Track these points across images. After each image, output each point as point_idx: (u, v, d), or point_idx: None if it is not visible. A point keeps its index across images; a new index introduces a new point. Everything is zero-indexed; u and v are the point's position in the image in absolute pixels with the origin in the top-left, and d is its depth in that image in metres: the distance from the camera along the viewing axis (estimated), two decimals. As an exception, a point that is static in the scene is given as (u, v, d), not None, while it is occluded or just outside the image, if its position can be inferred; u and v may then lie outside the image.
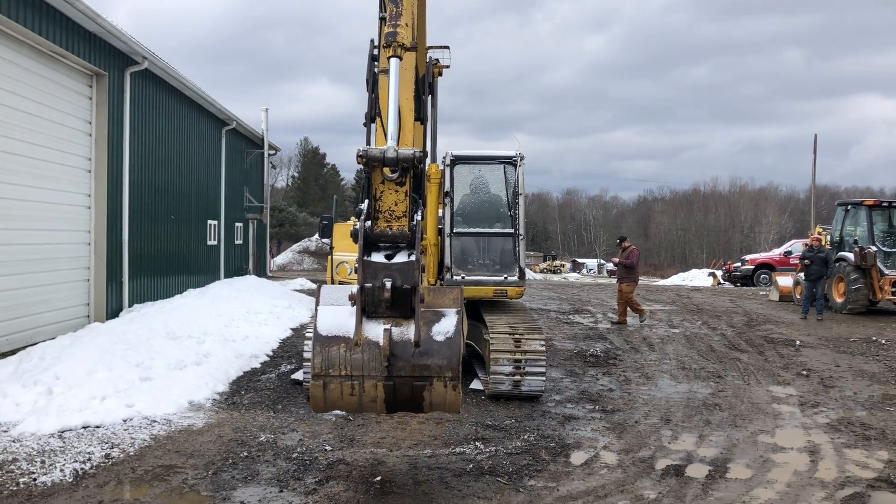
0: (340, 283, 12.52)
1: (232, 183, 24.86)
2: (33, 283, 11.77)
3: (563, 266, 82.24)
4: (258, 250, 30.13)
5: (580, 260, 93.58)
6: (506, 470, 6.46)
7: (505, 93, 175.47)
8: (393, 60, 5.58)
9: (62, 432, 7.28)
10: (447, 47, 9.94)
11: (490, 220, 10.01)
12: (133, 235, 15.05)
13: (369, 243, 5.30)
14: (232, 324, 13.34)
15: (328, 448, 7.00)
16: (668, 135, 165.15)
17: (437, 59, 9.78)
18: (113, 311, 14.15)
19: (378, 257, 5.20)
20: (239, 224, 26.49)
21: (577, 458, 6.90)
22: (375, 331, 5.06)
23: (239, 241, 26.58)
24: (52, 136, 12.26)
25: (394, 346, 5.00)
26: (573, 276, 63.34)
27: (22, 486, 5.87)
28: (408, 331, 5.07)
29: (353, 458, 6.74)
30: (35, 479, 6.01)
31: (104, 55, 13.56)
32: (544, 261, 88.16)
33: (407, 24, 5.98)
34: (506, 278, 9.63)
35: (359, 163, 5.09)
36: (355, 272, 5.38)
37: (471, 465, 6.57)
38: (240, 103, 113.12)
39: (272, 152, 30.96)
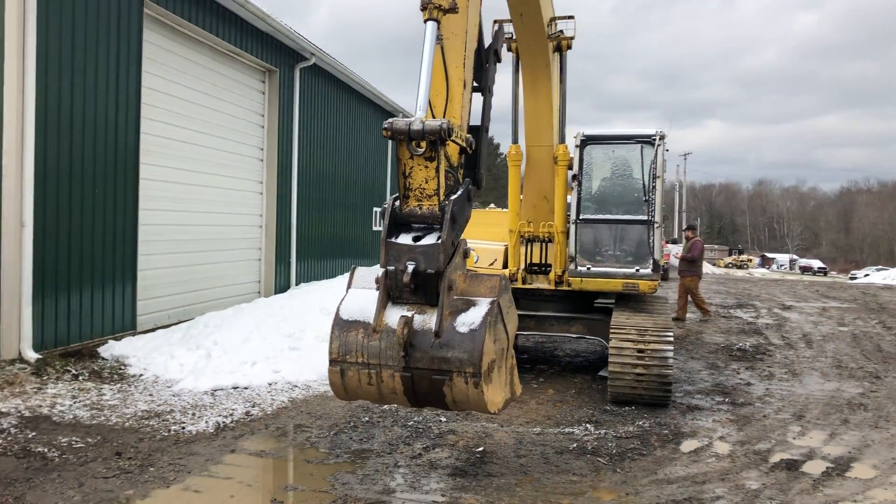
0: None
1: (399, 171, 25.90)
2: (213, 259, 13.14)
3: (751, 261, 77.81)
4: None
5: (770, 255, 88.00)
6: (609, 451, 6.49)
7: (700, 77, 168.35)
8: (429, 24, 5.02)
9: (214, 391, 8.20)
10: (572, 17, 9.23)
11: (624, 206, 9.33)
12: (301, 220, 16.28)
13: (400, 223, 4.94)
14: (385, 303, 14.07)
15: (443, 419, 7.35)
16: (883, 120, 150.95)
17: (560, 31, 9.25)
18: (281, 289, 15.42)
19: (406, 239, 4.84)
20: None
21: (688, 445, 6.77)
22: (396, 317, 4.75)
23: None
24: (229, 129, 13.58)
25: (413, 336, 4.67)
26: (759, 272, 59.84)
27: (172, 433, 6.73)
28: (431, 319, 4.72)
29: (464, 429, 7.05)
30: (184, 428, 6.85)
31: (275, 52, 14.77)
32: (730, 255, 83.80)
33: None
34: (637, 271, 8.94)
35: (384, 136, 4.78)
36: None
37: (574, 445, 6.66)
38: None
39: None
